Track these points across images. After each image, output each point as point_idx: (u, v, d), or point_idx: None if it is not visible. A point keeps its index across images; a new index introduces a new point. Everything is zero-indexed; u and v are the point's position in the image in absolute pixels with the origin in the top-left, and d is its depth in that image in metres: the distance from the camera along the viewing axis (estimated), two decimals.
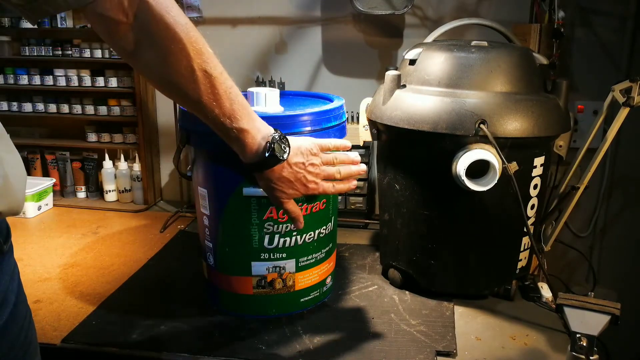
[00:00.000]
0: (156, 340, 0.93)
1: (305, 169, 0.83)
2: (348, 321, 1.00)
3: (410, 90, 1.01)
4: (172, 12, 0.64)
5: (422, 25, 1.46)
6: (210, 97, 0.70)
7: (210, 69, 0.69)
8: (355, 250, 1.31)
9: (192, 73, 0.67)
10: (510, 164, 0.92)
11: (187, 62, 0.66)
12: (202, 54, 0.68)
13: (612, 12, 1.36)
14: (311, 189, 0.84)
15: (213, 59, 0.70)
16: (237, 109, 0.73)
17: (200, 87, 0.69)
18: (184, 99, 0.72)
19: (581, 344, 0.79)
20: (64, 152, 1.64)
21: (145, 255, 1.27)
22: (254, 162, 0.79)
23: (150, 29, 0.64)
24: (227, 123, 0.73)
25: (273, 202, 0.86)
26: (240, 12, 1.53)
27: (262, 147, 0.78)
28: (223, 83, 0.71)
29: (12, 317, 0.61)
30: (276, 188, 0.82)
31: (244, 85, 1.55)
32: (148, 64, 0.68)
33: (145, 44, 0.66)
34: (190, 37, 0.66)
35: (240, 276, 0.98)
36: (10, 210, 0.59)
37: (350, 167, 0.89)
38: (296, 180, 0.83)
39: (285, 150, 0.79)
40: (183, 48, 0.65)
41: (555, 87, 1.02)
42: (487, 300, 1.08)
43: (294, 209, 0.86)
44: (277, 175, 0.81)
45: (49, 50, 1.54)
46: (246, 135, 0.76)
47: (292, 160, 0.81)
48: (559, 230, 1.18)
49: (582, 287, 1.50)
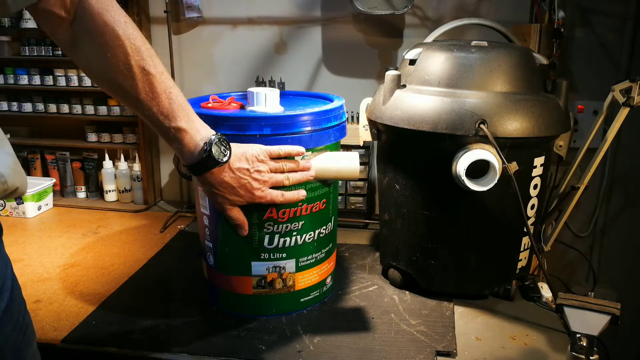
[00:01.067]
0: (156, 340, 0.93)
1: (250, 176, 0.82)
2: (348, 321, 1.00)
3: (410, 90, 1.01)
4: (111, 10, 0.67)
5: (422, 25, 1.46)
6: (149, 94, 0.71)
7: (148, 67, 0.70)
8: (355, 250, 1.31)
9: (130, 70, 0.69)
10: (510, 164, 0.92)
11: (124, 58, 0.68)
12: (141, 52, 0.69)
13: (612, 12, 1.37)
14: (257, 196, 0.84)
15: (154, 57, 0.71)
16: (175, 109, 0.74)
17: (138, 84, 0.70)
18: (123, 96, 0.73)
19: (581, 344, 0.79)
20: (64, 152, 1.65)
21: (145, 255, 1.27)
22: (193, 163, 0.79)
23: (89, 26, 0.67)
24: (165, 122, 0.74)
25: (216, 207, 0.85)
26: (240, 12, 1.53)
27: (199, 147, 0.77)
28: (162, 82, 0.72)
29: (11, 301, 0.63)
30: (217, 193, 0.82)
31: (244, 85, 1.55)
32: (88, 60, 0.70)
33: (84, 40, 0.68)
34: (128, 34, 0.68)
35: (240, 276, 0.98)
36: (22, 187, 0.61)
37: (299, 174, 0.88)
38: (240, 187, 0.82)
39: (225, 153, 0.79)
40: (121, 45, 0.67)
41: (555, 87, 1.02)
42: (487, 300, 1.08)
43: (237, 216, 0.86)
44: (218, 180, 0.81)
45: (49, 50, 1.54)
46: (184, 135, 0.76)
47: (234, 165, 0.81)
48: (559, 230, 1.18)
49: (582, 287, 1.50)
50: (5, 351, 0.63)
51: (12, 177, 0.58)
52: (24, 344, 0.67)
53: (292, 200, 0.89)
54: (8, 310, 0.63)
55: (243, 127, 0.88)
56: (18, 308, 0.66)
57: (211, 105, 0.99)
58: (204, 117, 0.91)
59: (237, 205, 0.85)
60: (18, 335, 0.65)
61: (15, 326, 0.64)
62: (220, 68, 1.57)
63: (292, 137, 0.90)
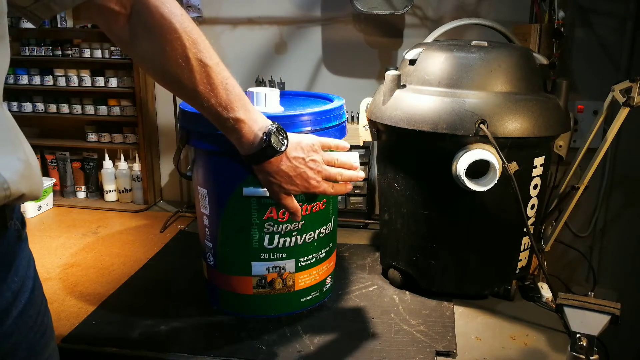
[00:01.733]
0: (156, 340, 0.93)
1: (306, 165, 0.83)
2: (348, 321, 1.00)
3: (410, 90, 1.01)
4: (167, 3, 0.67)
5: (422, 25, 1.46)
6: (206, 86, 0.71)
7: (205, 59, 0.70)
8: (355, 250, 1.31)
9: (188, 62, 0.69)
10: (510, 164, 0.92)
11: (182, 51, 0.68)
12: (198, 43, 0.69)
13: (612, 12, 1.37)
14: (312, 186, 0.84)
15: (209, 49, 0.71)
16: (233, 99, 0.74)
17: (196, 76, 0.70)
18: (180, 89, 0.73)
19: (581, 344, 0.79)
20: (64, 152, 1.64)
21: (145, 255, 1.27)
22: (251, 153, 0.79)
23: (147, 20, 0.67)
24: (223, 113, 0.74)
25: (272, 197, 0.85)
26: (240, 12, 1.53)
27: (258, 137, 0.78)
28: (219, 73, 0.72)
29: (30, 302, 0.63)
30: (274, 182, 0.82)
31: (244, 85, 1.53)
32: (145, 54, 0.70)
33: (141, 34, 0.68)
34: (185, 27, 0.68)
35: (240, 276, 0.98)
36: (31, 193, 0.60)
37: (350, 172, 0.89)
38: (296, 176, 0.82)
39: (283, 142, 0.79)
40: (178, 37, 0.67)
41: (555, 87, 1.02)
42: (487, 300, 1.08)
43: (292, 204, 0.86)
44: (275, 169, 0.81)
45: (49, 50, 1.55)
46: (242, 125, 0.76)
47: (291, 154, 0.81)
48: (559, 230, 1.18)
49: (582, 287, 1.50)
50: (20, 350, 0.62)
51: (18, 183, 0.57)
52: (41, 345, 0.66)
53: (341, 192, 0.89)
54: (25, 311, 0.62)
55: None
56: (37, 309, 0.65)
57: None
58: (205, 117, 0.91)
59: (292, 194, 0.85)
60: (35, 335, 0.64)
61: (33, 327, 0.64)
62: None
63: None
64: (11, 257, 0.62)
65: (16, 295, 0.61)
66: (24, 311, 0.62)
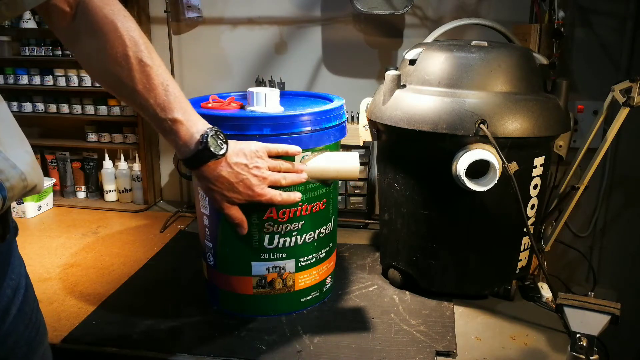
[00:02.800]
0: (156, 340, 0.93)
1: (249, 172, 0.81)
2: (348, 321, 1.00)
3: (410, 90, 1.01)
4: (111, 4, 0.69)
5: (422, 25, 1.46)
6: (145, 85, 0.72)
7: (145, 59, 0.71)
8: (355, 250, 1.31)
9: (127, 61, 0.70)
10: (510, 164, 0.92)
11: (122, 49, 0.69)
12: (139, 44, 0.70)
13: (612, 12, 1.37)
14: (257, 194, 0.82)
15: (151, 51, 0.72)
16: (172, 101, 0.74)
17: (135, 75, 0.71)
18: (119, 88, 0.73)
19: (581, 344, 0.79)
20: (64, 152, 1.65)
21: (145, 255, 1.27)
22: (188, 156, 0.78)
23: (89, 19, 0.68)
24: (161, 114, 0.74)
25: (213, 204, 0.83)
26: (240, 12, 1.53)
27: (195, 139, 0.77)
28: (159, 75, 0.73)
29: (25, 299, 0.64)
30: (215, 190, 0.81)
31: (244, 85, 1.55)
32: (87, 53, 0.72)
33: (84, 33, 0.70)
34: (127, 27, 0.70)
35: (240, 276, 0.98)
36: (40, 184, 0.62)
37: (294, 175, 0.87)
38: (238, 183, 0.80)
39: (221, 146, 0.78)
40: (119, 37, 0.69)
41: (555, 87, 1.02)
42: (487, 300, 1.08)
43: (236, 214, 0.84)
44: (215, 174, 0.79)
45: (49, 50, 1.54)
46: (180, 126, 0.76)
47: (232, 160, 0.80)
48: (559, 230, 1.18)
49: (582, 287, 1.50)
50: (19, 348, 0.64)
51: (32, 174, 0.59)
52: (37, 342, 0.68)
53: (288, 201, 0.87)
54: (22, 309, 0.64)
55: (243, 127, 0.88)
56: (31, 307, 0.67)
57: (211, 105, 0.99)
58: (204, 117, 0.91)
59: (235, 203, 0.84)
60: (31, 332, 0.66)
61: (29, 324, 0.65)
62: (220, 68, 1.57)
63: (292, 137, 0.90)
64: (9, 254, 0.63)
65: (15, 293, 0.63)
66: (21, 308, 0.63)
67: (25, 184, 0.58)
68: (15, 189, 0.57)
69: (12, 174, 0.57)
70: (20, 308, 0.63)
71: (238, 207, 0.84)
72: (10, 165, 0.57)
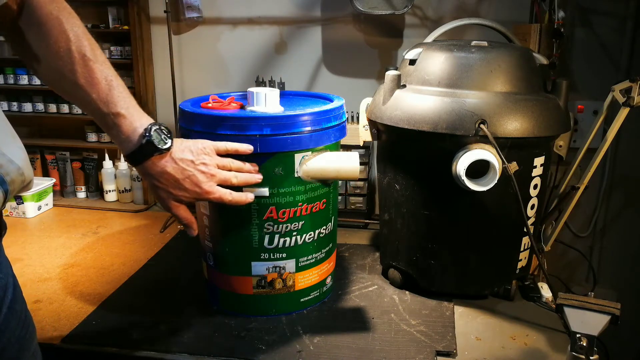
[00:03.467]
0: (156, 340, 0.93)
1: (196, 168, 0.79)
2: (348, 321, 1.00)
3: (410, 90, 1.01)
4: (55, 1, 0.69)
5: (422, 25, 1.46)
6: (88, 79, 0.71)
7: (88, 54, 0.71)
8: (355, 250, 1.31)
9: (70, 55, 0.70)
10: (510, 164, 0.92)
11: (66, 44, 0.69)
12: (82, 40, 0.70)
13: (612, 12, 1.37)
14: (205, 191, 0.80)
15: (95, 49, 0.72)
16: (115, 95, 0.73)
17: (78, 68, 0.70)
18: (62, 82, 0.73)
19: (581, 344, 0.79)
20: (64, 152, 1.65)
21: (145, 255, 1.27)
22: (131, 150, 0.76)
23: (34, 16, 0.69)
24: (104, 108, 0.73)
25: (160, 204, 0.82)
26: (240, 12, 1.53)
27: (138, 133, 0.75)
28: (102, 70, 0.72)
29: (15, 298, 0.65)
30: (160, 187, 0.79)
31: (244, 85, 1.55)
32: (32, 50, 0.71)
33: (29, 30, 0.70)
34: (71, 23, 0.70)
35: (240, 276, 0.98)
36: (32, 181, 0.63)
37: (246, 175, 0.86)
38: (184, 179, 0.79)
39: (165, 141, 0.77)
40: (63, 32, 0.69)
41: (555, 87, 1.02)
42: (487, 300, 1.08)
43: (184, 215, 0.82)
44: (159, 170, 0.78)
45: None
46: (123, 121, 0.75)
47: (177, 156, 0.78)
48: (559, 230, 1.18)
49: (582, 287, 1.50)
50: (11, 346, 0.64)
51: (27, 170, 0.60)
52: (27, 340, 0.68)
53: (240, 201, 0.85)
54: (12, 307, 0.64)
55: (243, 127, 0.88)
56: (21, 305, 0.67)
57: (211, 105, 0.99)
58: (204, 117, 0.91)
59: (183, 202, 0.81)
60: (22, 331, 0.66)
61: (19, 322, 0.66)
62: (220, 68, 1.57)
63: (292, 137, 0.90)
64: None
65: (4, 291, 0.63)
66: (11, 307, 0.64)
67: (23, 178, 0.59)
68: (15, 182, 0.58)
69: (11, 169, 0.58)
70: (11, 307, 0.63)
71: (186, 207, 0.82)
72: (7, 160, 0.57)
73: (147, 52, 1.57)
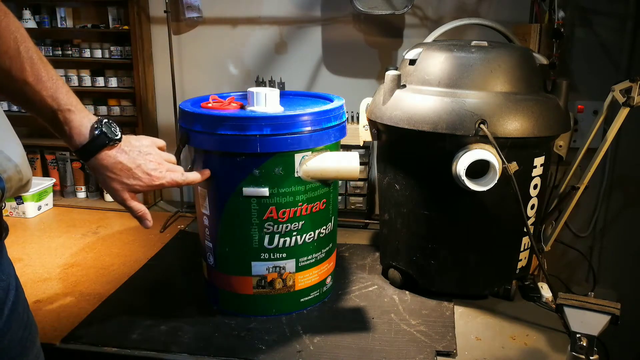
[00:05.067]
0: (156, 340, 0.93)
1: (144, 157, 0.82)
2: (348, 321, 1.00)
3: (410, 90, 1.01)
4: None
5: (422, 25, 1.46)
6: (37, 78, 0.71)
7: (35, 54, 0.71)
8: (355, 250, 1.31)
9: (18, 54, 0.69)
10: (510, 164, 0.92)
11: (14, 44, 0.69)
12: (27, 41, 0.70)
13: (612, 12, 1.37)
14: (157, 177, 0.83)
15: (37, 49, 0.72)
16: (64, 92, 0.74)
17: (26, 67, 0.70)
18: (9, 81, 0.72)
19: (581, 344, 0.79)
20: (64, 152, 1.64)
21: (145, 255, 1.27)
22: (84, 144, 0.77)
23: None
24: (54, 105, 0.73)
25: (114, 198, 0.83)
26: (240, 12, 1.53)
27: (90, 127, 0.76)
28: (49, 70, 0.73)
29: (17, 299, 0.65)
30: (115, 178, 0.80)
31: (244, 85, 1.55)
32: None
33: None
34: (16, 24, 0.69)
35: (240, 276, 0.98)
36: (31, 180, 0.63)
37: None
38: (136, 168, 0.81)
39: (116, 132, 0.78)
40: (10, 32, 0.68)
41: (555, 87, 1.02)
42: (487, 300, 1.08)
43: (138, 206, 0.84)
44: (112, 161, 0.79)
45: (49, 50, 1.54)
46: (73, 116, 0.75)
47: (126, 147, 0.80)
48: (559, 230, 1.18)
49: (582, 287, 1.50)
50: (13, 347, 0.64)
51: (25, 168, 0.60)
52: (29, 341, 0.68)
53: (194, 180, 0.88)
54: (15, 309, 0.64)
55: (243, 127, 0.88)
56: (23, 306, 0.67)
57: (211, 105, 0.99)
58: (204, 117, 0.91)
59: (136, 192, 0.84)
60: (24, 332, 0.66)
61: (21, 324, 0.66)
62: (220, 68, 1.57)
63: (292, 137, 0.90)
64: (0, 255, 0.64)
65: (6, 293, 0.63)
66: (14, 309, 0.64)
67: (21, 176, 0.59)
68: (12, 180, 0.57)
69: (8, 166, 0.58)
70: (13, 308, 0.63)
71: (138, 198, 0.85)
72: (5, 157, 0.57)
73: (147, 52, 1.57)
